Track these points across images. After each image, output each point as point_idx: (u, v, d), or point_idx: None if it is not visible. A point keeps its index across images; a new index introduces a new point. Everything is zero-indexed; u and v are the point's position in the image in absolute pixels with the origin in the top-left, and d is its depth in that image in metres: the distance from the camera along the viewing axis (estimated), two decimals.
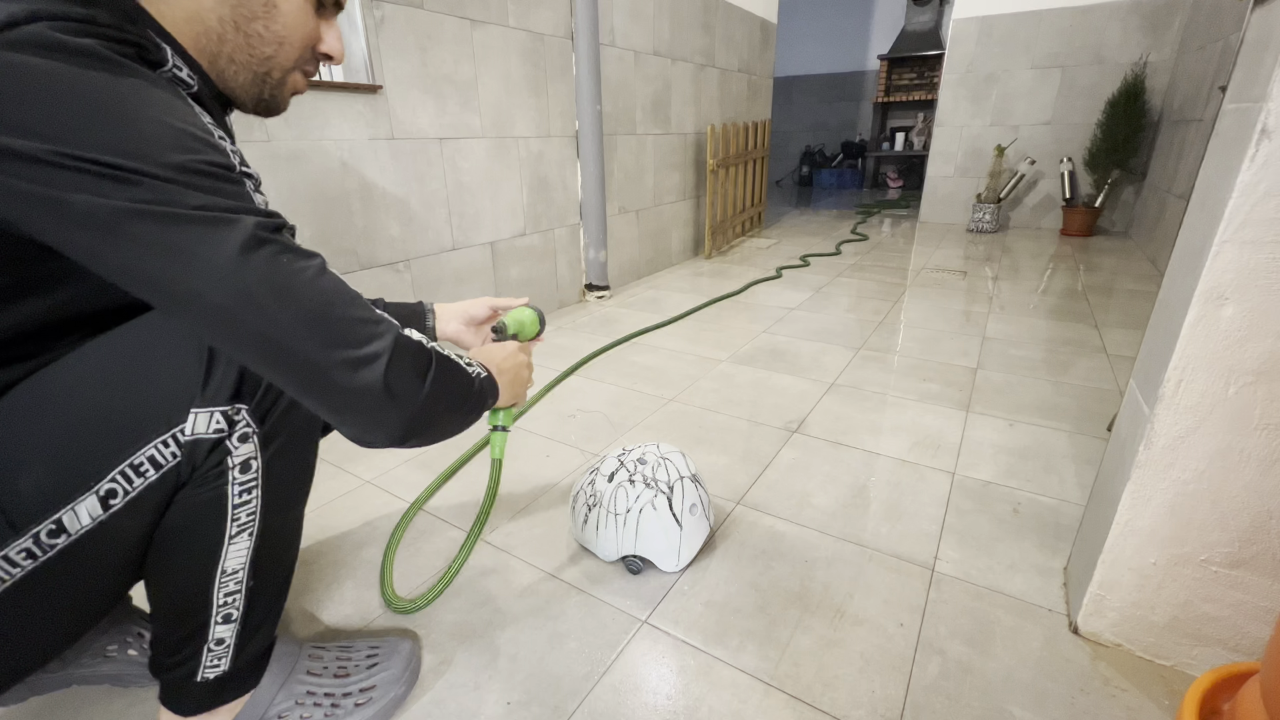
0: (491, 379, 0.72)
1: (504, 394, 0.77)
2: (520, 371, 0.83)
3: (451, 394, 0.61)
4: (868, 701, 0.80)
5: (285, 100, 0.65)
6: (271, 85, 0.61)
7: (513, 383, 0.81)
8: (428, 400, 0.57)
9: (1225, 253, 0.66)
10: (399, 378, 0.54)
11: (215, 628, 0.65)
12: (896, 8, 6.81)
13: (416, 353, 0.57)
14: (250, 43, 0.57)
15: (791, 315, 2.47)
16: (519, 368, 0.83)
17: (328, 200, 1.66)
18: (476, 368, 0.69)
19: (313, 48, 0.63)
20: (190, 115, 0.49)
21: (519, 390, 0.84)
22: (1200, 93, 3.04)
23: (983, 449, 1.41)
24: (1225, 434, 0.71)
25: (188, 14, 0.54)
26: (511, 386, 0.81)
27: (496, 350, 0.82)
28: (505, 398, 0.79)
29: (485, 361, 0.77)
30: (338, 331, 0.52)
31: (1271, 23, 0.64)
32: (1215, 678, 0.70)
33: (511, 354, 0.82)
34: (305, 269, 0.52)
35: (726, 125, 3.49)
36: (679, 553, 1.02)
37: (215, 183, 0.47)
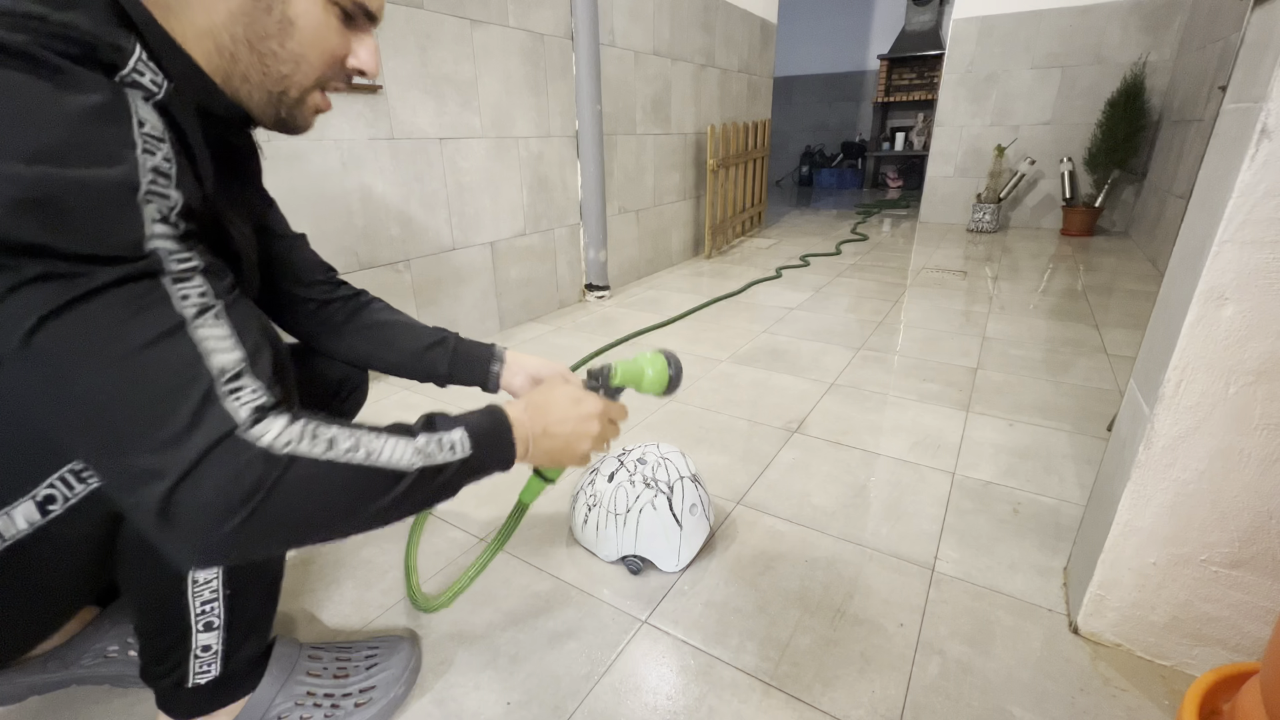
0: (484, 455, 0.60)
1: (541, 460, 0.68)
2: (573, 444, 0.70)
3: (331, 506, 0.49)
4: (868, 701, 0.80)
5: (306, 119, 0.61)
6: (289, 104, 0.58)
7: (560, 450, 0.69)
8: (249, 525, 0.44)
9: (1225, 253, 0.66)
10: (191, 500, 0.42)
11: (198, 635, 0.64)
12: (896, 8, 6.81)
13: (246, 466, 0.43)
14: (264, 62, 0.54)
15: (791, 315, 2.47)
16: (575, 439, 0.70)
17: (328, 200, 1.66)
18: (456, 448, 0.57)
19: (340, 63, 0.59)
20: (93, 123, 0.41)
21: (566, 459, 0.71)
22: (1200, 93, 3.04)
23: (983, 449, 1.41)
24: (1225, 434, 0.71)
25: (199, 30, 0.51)
26: (551, 456, 0.69)
27: (558, 407, 0.69)
28: (543, 463, 0.69)
29: (536, 415, 0.66)
30: (113, 434, 0.42)
31: (1271, 23, 0.64)
32: (1215, 678, 0.70)
33: (577, 417, 0.70)
34: (128, 336, 0.42)
35: (726, 125, 3.49)
36: (679, 553, 1.02)
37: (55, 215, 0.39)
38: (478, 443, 0.59)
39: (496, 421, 0.63)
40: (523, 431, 0.65)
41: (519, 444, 0.64)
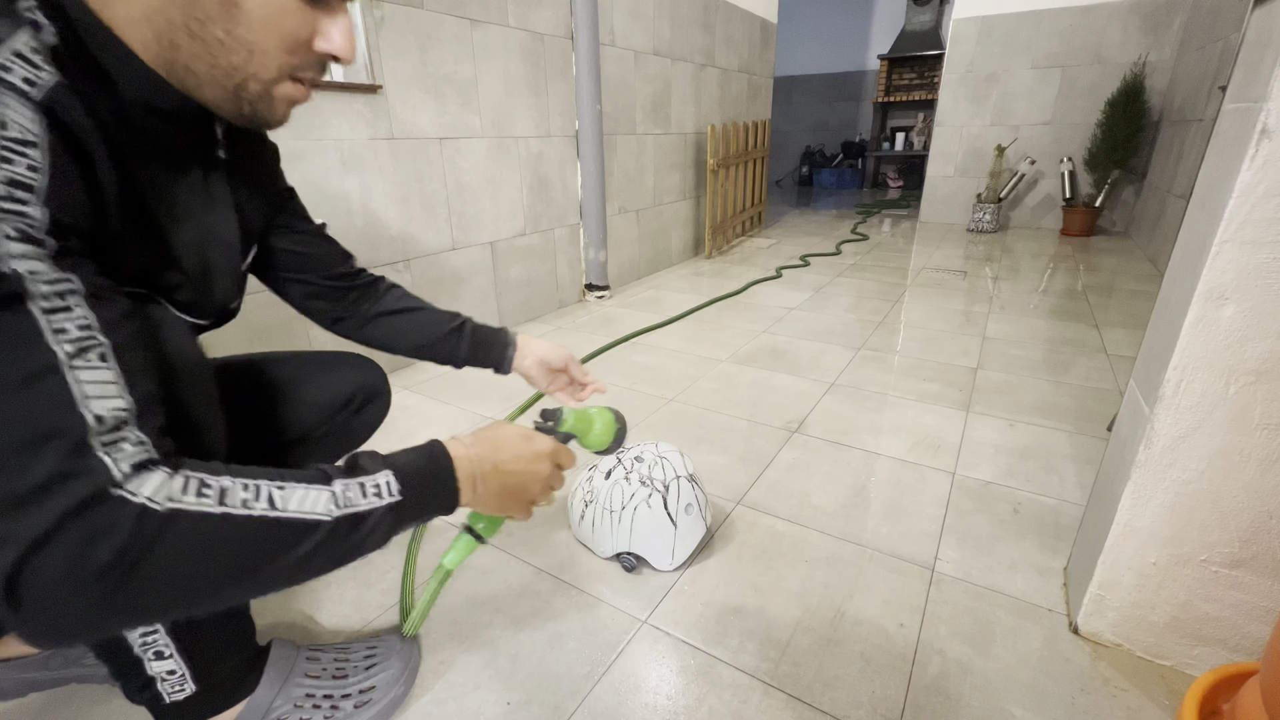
0: (418, 499, 0.54)
1: (485, 504, 0.62)
2: (526, 484, 0.64)
3: (225, 566, 0.43)
4: (868, 701, 0.80)
5: (278, 112, 0.54)
6: (251, 98, 0.51)
7: (506, 495, 0.63)
8: (119, 595, 0.38)
9: (1225, 253, 0.66)
10: (44, 572, 0.36)
11: (151, 664, 0.62)
12: (896, 8, 6.80)
13: (114, 527, 0.38)
14: (211, 51, 0.47)
15: (791, 315, 2.47)
16: (528, 478, 0.64)
17: (327, 200, 1.66)
18: (383, 492, 0.51)
19: (307, 47, 0.51)
20: None
21: (513, 506, 0.65)
22: (1200, 93, 3.04)
23: (983, 449, 1.41)
24: (1225, 434, 0.71)
25: (134, 16, 0.45)
26: (500, 498, 0.62)
27: (509, 443, 0.63)
28: (486, 507, 0.63)
29: (485, 451, 0.60)
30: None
31: (1271, 23, 0.64)
32: (1215, 678, 0.70)
33: (530, 455, 0.64)
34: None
35: (726, 125, 3.49)
36: (673, 551, 1.02)
37: None
38: (408, 485, 0.53)
39: (433, 460, 0.57)
40: (469, 469, 0.59)
41: (463, 483, 0.58)
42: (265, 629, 0.92)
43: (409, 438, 1.52)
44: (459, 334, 0.93)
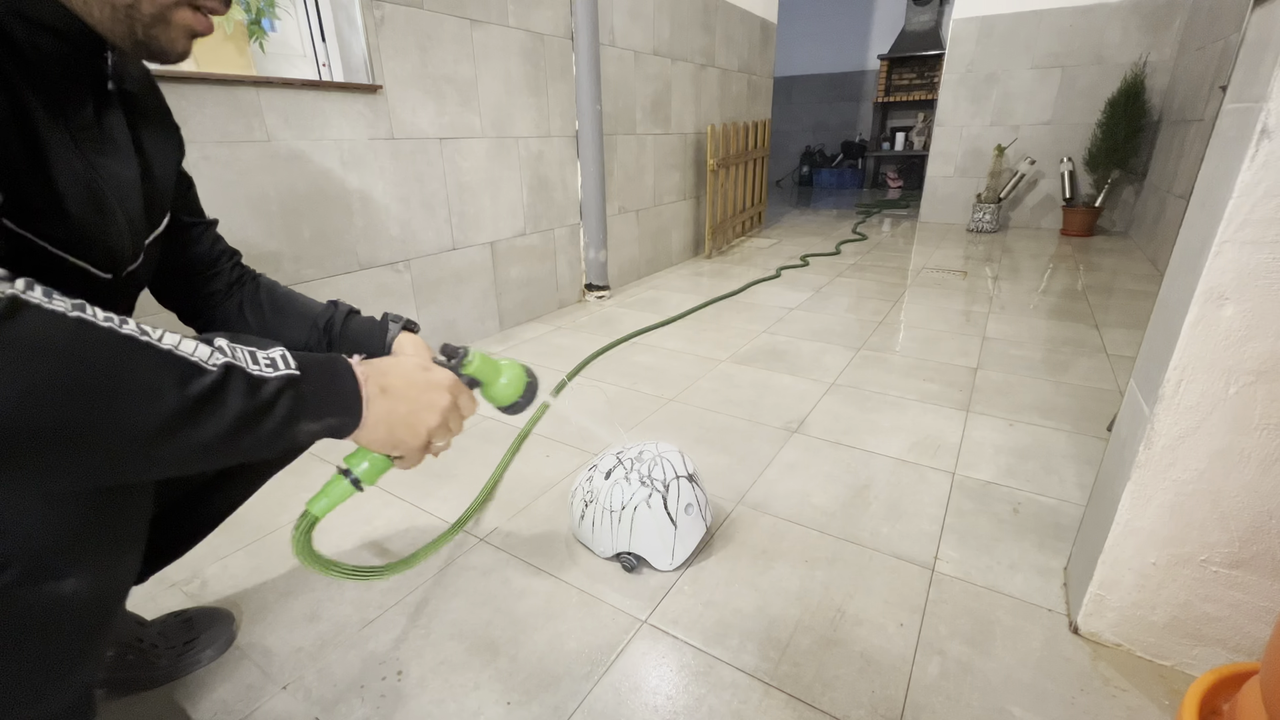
0: (316, 384, 0.47)
1: (376, 431, 0.52)
2: (421, 414, 0.55)
3: (86, 390, 0.35)
4: (868, 701, 0.80)
5: (175, 43, 0.49)
6: (144, 23, 0.46)
7: (400, 420, 0.54)
8: None
9: (1225, 253, 0.66)
10: None
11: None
12: (896, 8, 6.81)
13: None
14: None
15: (791, 315, 2.47)
16: (423, 407, 0.56)
17: (328, 200, 1.66)
18: (277, 364, 0.45)
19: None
20: None
21: (408, 436, 0.55)
22: (1200, 93, 3.04)
23: (983, 449, 1.41)
24: (1225, 434, 0.71)
25: None
26: (390, 427, 0.53)
27: (401, 368, 0.56)
28: (378, 436, 0.53)
29: (373, 372, 0.53)
30: None
31: (1271, 23, 0.64)
32: (1215, 678, 0.70)
33: (424, 383, 0.56)
34: None
35: (726, 125, 3.49)
36: (673, 551, 1.02)
37: None
38: (306, 366, 0.47)
39: (329, 358, 0.51)
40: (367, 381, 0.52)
41: (363, 391, 0.51)
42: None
43: None
44: (334, 319, 0.81)
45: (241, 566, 1.08)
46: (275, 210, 1.55)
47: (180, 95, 1.33)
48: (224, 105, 1.40)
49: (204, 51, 1.40)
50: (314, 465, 1.40)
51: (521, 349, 2.14)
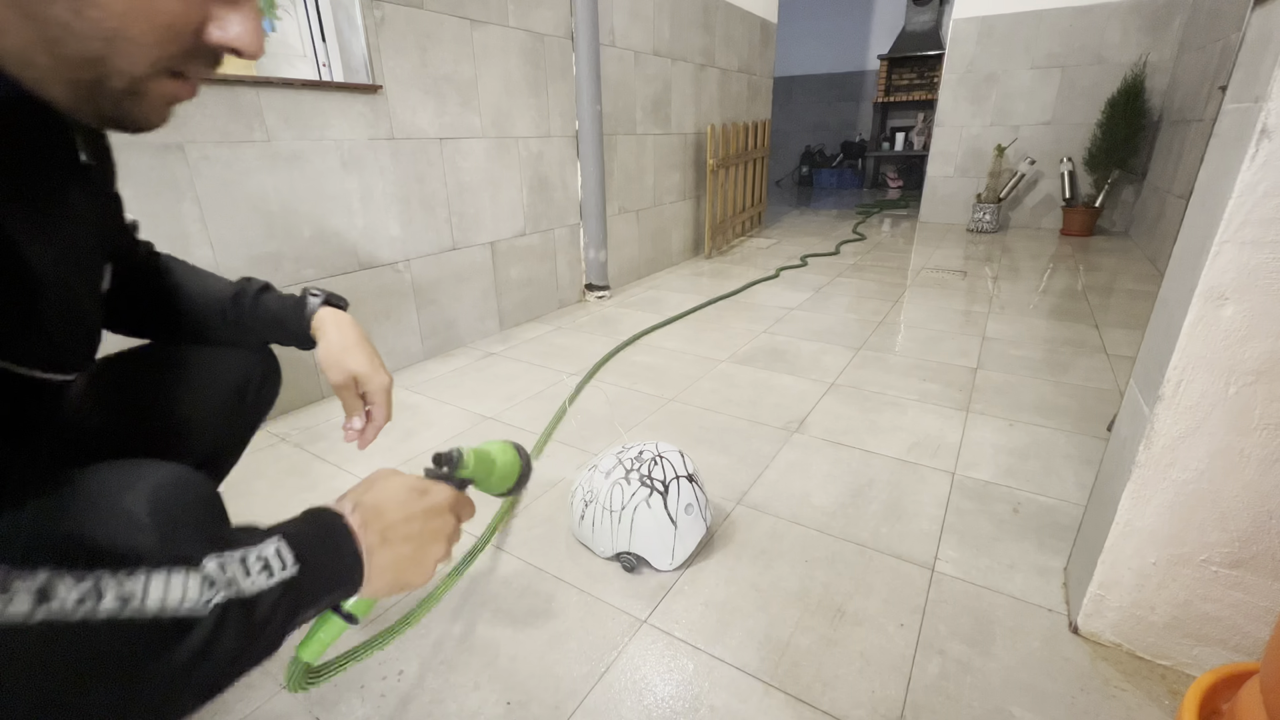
0: (318, 572, 0.42)
1: (381, 581, 0.47)
2: (428, 544, 0.51)
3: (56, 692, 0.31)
4: (868, 701, 0.80)
5: (149, 114, 0.40)
6: (113, 96, 0.37)
7: (405, 562, 0.49)
8: None
9: (1225, 253, 0.66)
10: None
11: None
12: (896, 8, 6.81)
13: None
14: (53, 38, 0.34)
15: (791, 315, 2.47)
16: (429, 537, 0.51)
17: (328, 200, 1.66)
18: (272, 566, 0.39)
19: (194, 35, 0.38)
20: None
21: (414, 577, 0.50)
22: (1200, 93, 3.04)
23: (983, 449, 1.41)
24: (1225, 434, 0.71)
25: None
26: (397, 571, 0.48)
27: (397, 502, 0.50)
28: (382, 586, 0.48)
29: (369, 518, 0.47)
30: None
31: (1271, 23, 0.64)
32: (1215, 678, 0.70)
33: (424, 511, 0.51)
34: None
35: (726, 125, 3.49)
36: (673, 551, 1.02)
37: None
38: (305, 553, 0.41)
39: (323, 523, 0.45)
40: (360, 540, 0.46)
41: (363, 553, 0.46)
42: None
43: (410, 438, 1.52)
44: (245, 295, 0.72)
45: None
46: (275, 210, 1.55)
47: None
48: (224, 105, 1.40)
49: None
50: (315, 465, 1.41)
51: (521, 349, 2.14)
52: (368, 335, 0.74)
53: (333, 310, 0.73)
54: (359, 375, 0.71)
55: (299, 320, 0.72)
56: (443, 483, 0.56)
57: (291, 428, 1.58)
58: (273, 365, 0.80)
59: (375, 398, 0.73)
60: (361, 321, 1.95)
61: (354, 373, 0.71)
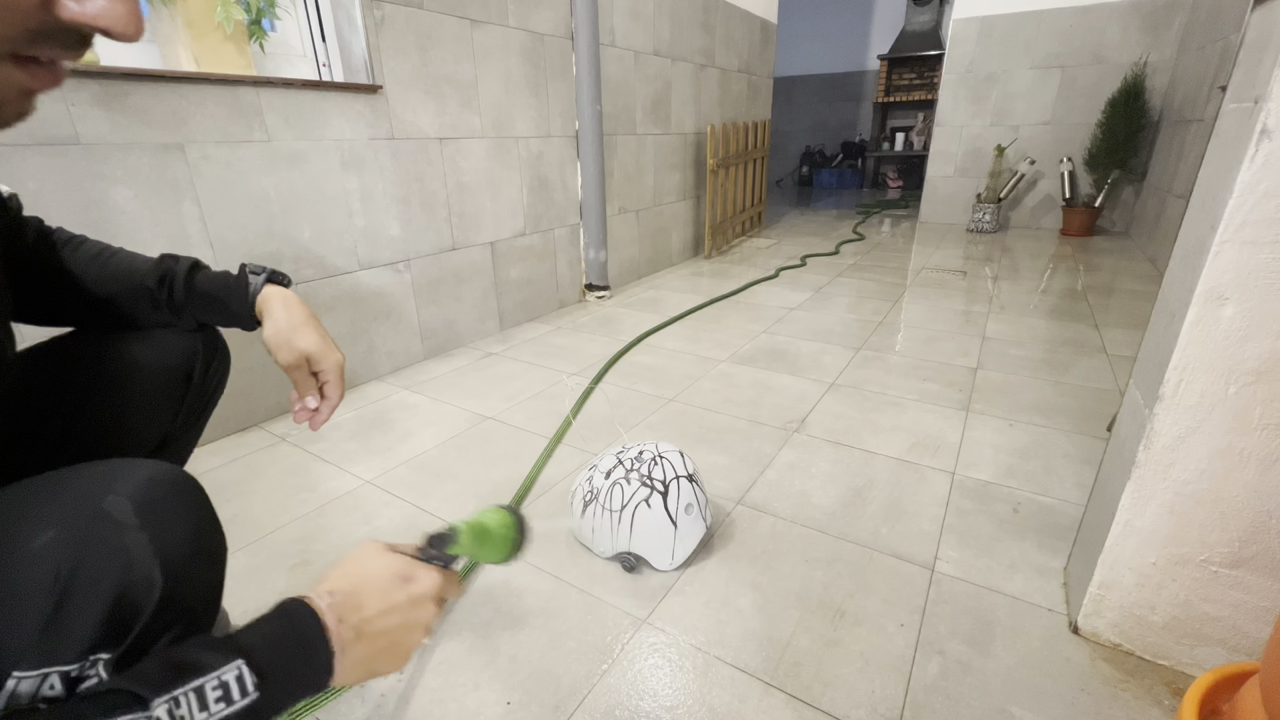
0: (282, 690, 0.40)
1: (353, 675, 0.45)
2: (406, 635, 0.49)
3: None
4: (868, 701, 0.80)
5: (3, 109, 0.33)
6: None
7: (380, 654, 0.47)
8: None
9: (1225, 253, 0.66)
10: None
11: None
12: (896, 8, 6.81)
13: None
14: None
15: (791, 315, 2.47)
16: (407, 628, 0.48)
17: (328, 200, 1.66)
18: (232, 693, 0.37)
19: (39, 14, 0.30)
20: None
21: (389, 665, 0.49)
22: (1200, 93, 3.04)
23: (983, 449, 1.41)
24: (1225, 434, 0.71)
25: None
26: (371, 663, 0.47)
27: (378, 593, 0.47)
28: (354, 679, 0.46)
29: (346, 610, 0.45)
30: None
31: (1271, 23, 0.64)
32: (1215, 678, 0.70)
33: (406, 602, 0.48)
34: None
35: (726, 125, 3.49)
36: (673, 551, 1.02)
37: None
38: (268, 674, 0.39)
39: (297, 630, 0.42)
40: (335, 638, 0.44)
41: (335, 654, 0.43)
42: None
43: (410, 437, 1.52)
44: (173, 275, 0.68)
45: (241, 566, 1.08)
46: (275, 210, 1.55)
47: (180, 95, 1.33)
48: (224, 105, 1.40)
49: (204, 51, 1.40)
50: (315, 464, 1.41)
51: (521, 349, 2.14)
52: (315, 312, 0.71)
53: (278, 288, 0.69)
54: (311, 354, 0.68)
55: (242, 300, 0.68)
56: (430, 566, 0.52)
57: (291, 428, 1.58)
58: (217, 343, 0.76)
59: (329, 376, 0.70)
60: (361, 321, 1.96)
61: (305, 352, 0.68)
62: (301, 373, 0.69)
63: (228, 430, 1.55)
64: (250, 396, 1.58)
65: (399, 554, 0.51)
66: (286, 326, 0.68)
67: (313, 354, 0.68)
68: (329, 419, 0.72)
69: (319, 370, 0.70)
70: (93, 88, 1.20)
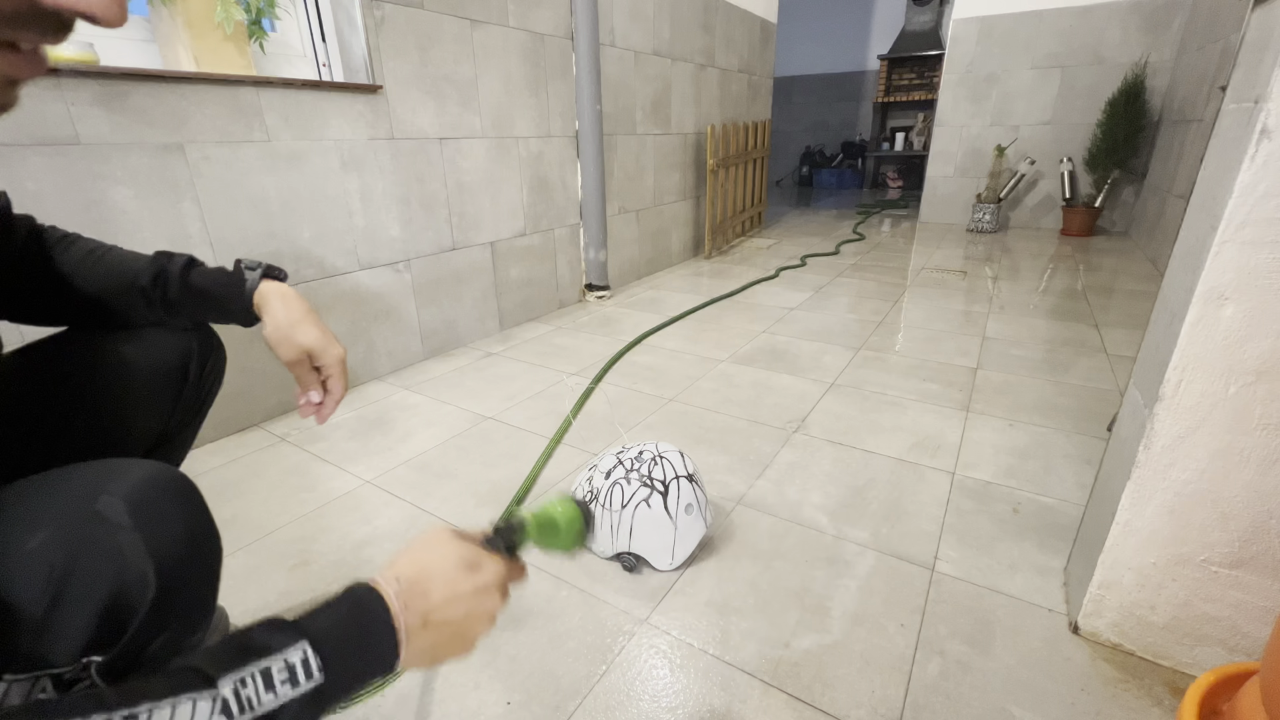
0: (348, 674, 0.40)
1: (418, 661, 0.45)
2: (472, 625, 0.48)
3: None
4: (868, 701, 0.80)
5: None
6: None
7: (445, 643, 0.46)
8: None
9: (1225, 253, 0.66)
10: None
11: None
12: (896, 8, 6.80)
13: None
14: None
15: (791, 315, 2.47)
16: (474, 618, 0.48)
17: (328, 200, 1.66)
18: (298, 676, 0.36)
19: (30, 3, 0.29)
20: None
21: (455, 653, 0.48)
22: (1200, 93, 3.04)
23: (983, 449, 1.41)
24: (1225, 434, 0.71)
25: None
26: (436, 652, 0.46)
27: (445, 580, 0.46)
28: (419, 664, 0.45)
29: (413, 598, 0.44)
30: None
31: (1271, 23, 0.64)
32: (1215, 678, 0.70)
33: (473, 591, 0.47)
34: None
35: (726, 125, 3.49)
36: (673, 551, 1.02)
37: None
38: (333, 659, 0.38)
39: (363, 613, 0.42)
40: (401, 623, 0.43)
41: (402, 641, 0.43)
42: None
43: (410, 437, 1.52)
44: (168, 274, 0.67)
45: (241, 566, 1.08)
46: (275, 210, 1.55)
47: (180, 95, 1.33)
48: (224, 105, 1.40)
49: (204, 51, 1.40)
50: (315, 464, 1.41)
51: (522, 349, 2.14)
52: (313, 307, 0.71)
53: (275, 284, 0.69)
54: (312, 349, 0.68)
55: (239, 297, 0.68)
56: (496, 554, 0.52)
57: (291, 428, 1.58)
58: (212, 341, 0.76)
59: (331, 369, 0.70)
60: (361, 321, 1.96)
61: (306, 347, 0.68)
62: (304, 368, 0.69)
63: (228, 430, 1.55)
64: (250, 396, 1.58)
65: (466, 541, 0.50)
66: (286, 323, 0.67)
67: (314, 349, 0.68)
68: (334, 412, 0.72)
69: (321, 365, 0.70)
70: (93, 88, 1.20)
